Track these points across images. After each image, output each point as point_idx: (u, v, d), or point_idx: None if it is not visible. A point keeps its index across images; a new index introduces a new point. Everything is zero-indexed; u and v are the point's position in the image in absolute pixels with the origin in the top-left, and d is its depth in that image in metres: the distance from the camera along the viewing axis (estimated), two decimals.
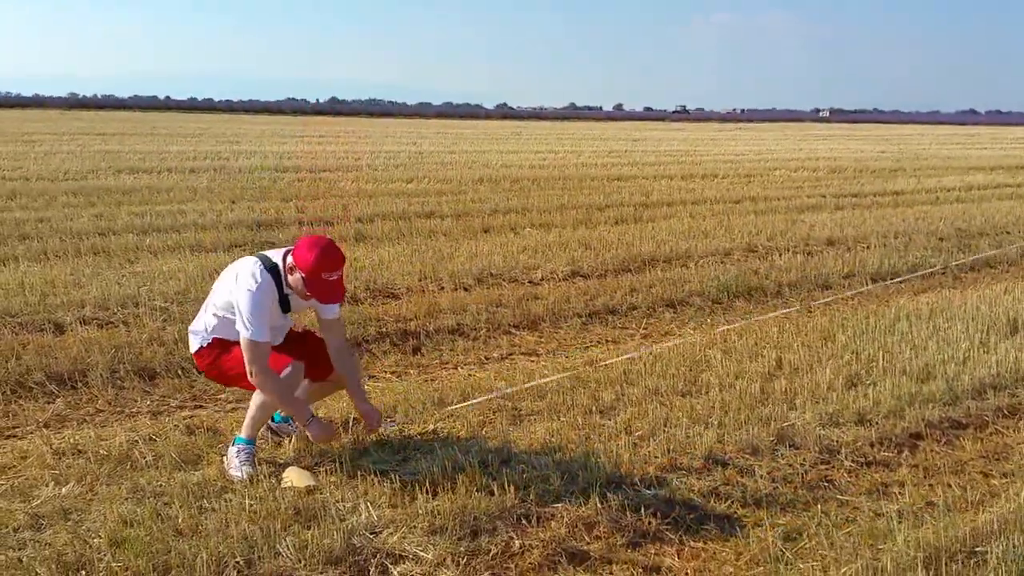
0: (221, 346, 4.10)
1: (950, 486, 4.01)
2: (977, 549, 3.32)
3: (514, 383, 5.33)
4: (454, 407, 4.88)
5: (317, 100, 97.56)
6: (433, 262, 8.68)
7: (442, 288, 7.83)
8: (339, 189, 15.33)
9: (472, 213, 12.69)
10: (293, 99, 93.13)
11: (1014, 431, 4.73)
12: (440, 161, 22.56)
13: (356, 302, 7.27)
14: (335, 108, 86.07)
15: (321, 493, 3.80)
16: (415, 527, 3.50)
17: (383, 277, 7.97)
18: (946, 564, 3.20)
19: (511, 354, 6.40)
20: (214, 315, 4.10)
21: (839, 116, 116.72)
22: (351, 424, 4.56)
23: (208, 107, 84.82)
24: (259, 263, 3.99)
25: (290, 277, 3.97)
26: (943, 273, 9.26)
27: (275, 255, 4.05)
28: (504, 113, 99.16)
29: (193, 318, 4.32)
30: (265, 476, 3.94)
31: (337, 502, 3.71)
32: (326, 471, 4.04)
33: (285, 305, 4.09)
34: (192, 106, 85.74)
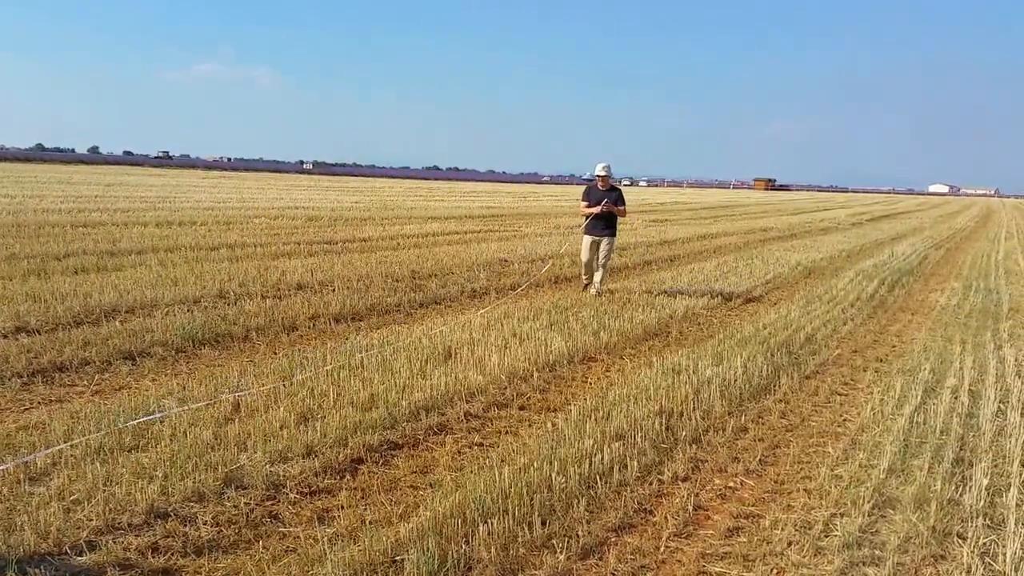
0: None
1: (383, 503, 4.42)
2: (397, 558, 3.70)
3: None
4: None
5: None
6: None
7: None
8: None
9: None
10: None
11: (440, 445, 5.39)
12: None
13: None
14: None
15: None
16: None
17: None
18: None
19: None
20: None
21: (321, 168, 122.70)
22: None
23: None
24: None
25: None
26: (397, 311, 10.22)
27: None
28: None
29: None
30: None
31: None
32: None
33: None
34: None
